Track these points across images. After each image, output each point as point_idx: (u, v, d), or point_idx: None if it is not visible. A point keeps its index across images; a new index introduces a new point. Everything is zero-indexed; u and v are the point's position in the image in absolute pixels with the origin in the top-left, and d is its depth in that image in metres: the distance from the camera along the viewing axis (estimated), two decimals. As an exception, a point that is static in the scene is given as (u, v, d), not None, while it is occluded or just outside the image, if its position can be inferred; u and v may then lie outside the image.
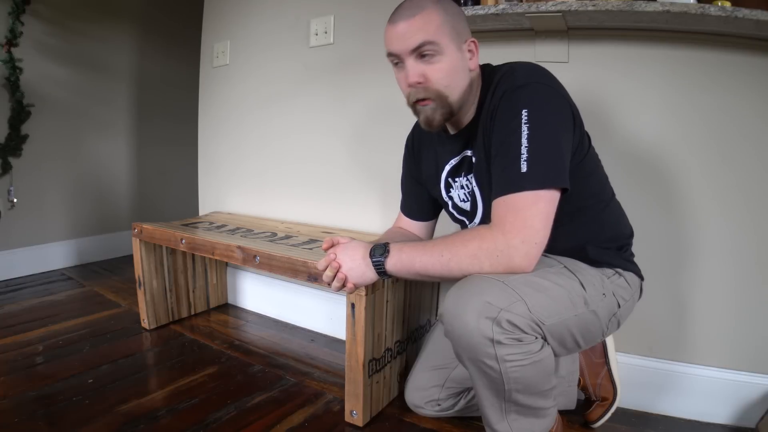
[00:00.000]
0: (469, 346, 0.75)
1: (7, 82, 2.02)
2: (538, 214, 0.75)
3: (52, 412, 1.08)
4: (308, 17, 1.63)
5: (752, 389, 1.08)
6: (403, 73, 0.86)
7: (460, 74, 0.85)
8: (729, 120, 1.07)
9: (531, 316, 0.74)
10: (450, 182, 0.99)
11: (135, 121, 2.67)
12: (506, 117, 0.79)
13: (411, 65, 0.84)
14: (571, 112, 0.82)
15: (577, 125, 0.84)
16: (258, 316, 1.79)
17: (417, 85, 0.84)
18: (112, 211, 2.58)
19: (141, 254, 1.54)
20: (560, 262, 0.87)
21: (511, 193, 0.76)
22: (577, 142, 0.84)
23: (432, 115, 0.86)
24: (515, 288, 0.74)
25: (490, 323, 0.72)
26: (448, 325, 0.77)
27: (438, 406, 1.08)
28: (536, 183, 0.75)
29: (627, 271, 0.92)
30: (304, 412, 1.14)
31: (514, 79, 0.81)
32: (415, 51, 0.82)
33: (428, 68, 0.83)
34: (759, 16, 0.90)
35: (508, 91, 0.80)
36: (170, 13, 2.77)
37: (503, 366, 0.74)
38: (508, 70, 0.84)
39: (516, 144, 0.76)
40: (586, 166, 0.88)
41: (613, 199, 0.97)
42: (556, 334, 0.78)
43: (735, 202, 1.08)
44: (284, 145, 1.75)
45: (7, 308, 1.75)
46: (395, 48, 0.84)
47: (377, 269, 0.86)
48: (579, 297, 0.81)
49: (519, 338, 0.73)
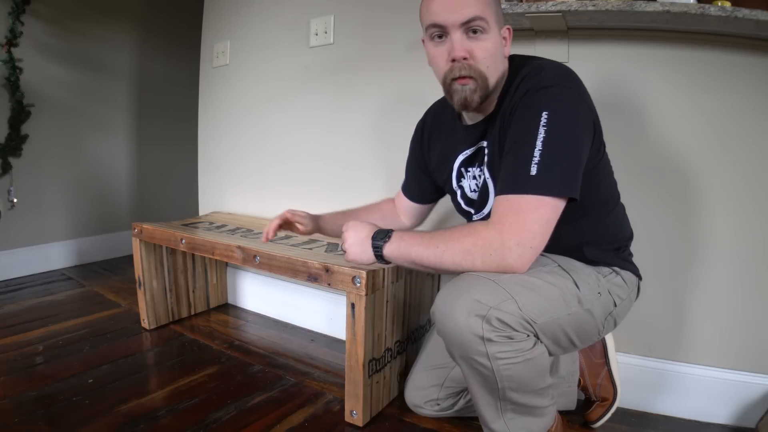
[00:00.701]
0: (460, 344, 0.75)
1: (7, 82, 2.02)
2: (538, 219, 0.74)
3: (52, 412, 1.08)
4: (308, 17, 1.63)
5: (752, 389, 1.08)
6: (445, 47, 0.82)
7: (500, 58, 0.84)
8: (730, 120, 1.07)
9: (521, 314, 0.74)
10: (462, 172, 0.98)
11: (135, 121, 2.67)
12: (526, 116, 0.77)
13: (458, 39, 0.80)
14: (593, 119, 0.81)
15: (597, 133, 0.83)
16: (258, 316, 1.79)
17: (462, 60, 0.81)
18: (112, 211, 2.58)
19: (141, 254, 1.54)
20: (554, 260, 0.87)
21: (516, 194, 0.75)
22: (594, 149, 0.83)
23: (471, 95, 0.82)
24: (505, 286, 0.74)
25: (479, 321, 0.72)
26: (439, 323, 0.77)
27: (437, 405, 1.08)
28: (543, 188, 0.74)
29: (624, 270, 0.92)
30: (304, 412, 1.14)
31: (540, 79, 0.78)
32: (465, 24, 0.79)
33: (475, 45, 0.80)
34: (759, 16, 0.90)
35: (531, 89, 0.78)
36: (170, 13, 2.77)
37: (495, 363, 0.74)
38: (536, 68, 0.81)
39: (530, 145, 0.75)
40: (598, 172, 0.87)
41: (619, 203, 0.97)
42: (549, 333, 0.78)
43: (736, 202, 1.08)
44: (284, 144, 1.75)
45: (7, 308, 1.75)
46: (443, 18, 0.80)
47: (375, 252, 0.86)
48: (572, 296, 0.81)
49: (510, 336, 0.73)
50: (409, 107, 1.29)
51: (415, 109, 1.14)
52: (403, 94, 1.42)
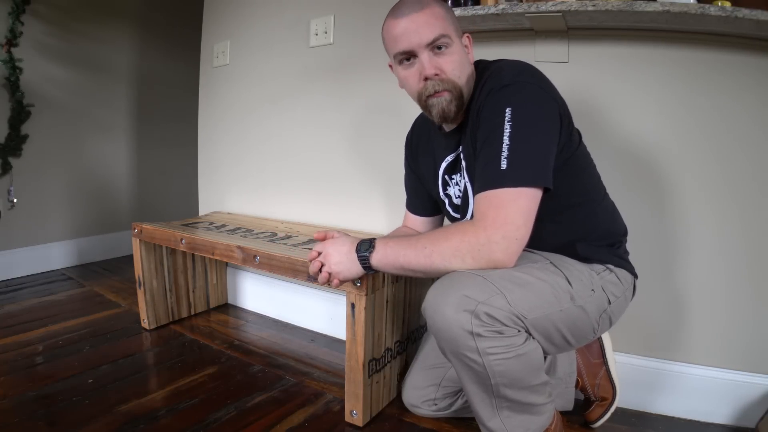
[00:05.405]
0: (451, 339, 0.76)
1: (7, 82, 2.02)
2: (518, 211, 0.76)
3: (52, 412, 1.08)
4: (308, 17, 1.63)
5: (752, 389, 1.08)
6: (415, 69, 0.86)
7: (466, 66, 0.87)
8: (728, 120, 1.07)
9: (511, 309, 0.74)
10: (447, 180, 1.00)
11: (135, 121, 2.67)
12: (490, 115, 0.80)
13: (426, 58, 0.84)
14: (558, 109, 0.83)
15: (565, 123, 0.85)
16: (258, 316, 1.79)
17: (434, 77, 0.84)
18: (112, 211, 2.58)
19: (141, 254, 1.54)
20: (545, 257, 0.87)
21: (492, 189, 0.77)
22: (565, 139, 0.85)
23: (448, 106, 0.86)
24: (494, 282, 0.75)
25: (468, 316, 0.73)
26: (429, 318, 0.78)
27: (434, 405, 1.08)
28: (516, 180, 0.76)
29: (618, 268, 0.92)
30: (304, 412, 1.14)
31: (500, 78, 0.82)
32: (431, 44, 0.83)
33: (442, 60, 0.84)
34: (759, 16, 0.90)
35: (494, 89, 0.81)
36: (170, 14, 2.77)
37: (486, 359, 0.74)
38: (496, 69, 0.85)
39: (498, 141, 0.77)
40: (576, 163, 0.89)
41: (606, 198, 0.97)
42: (541, 329, 0.78)
43: (736, 202, 1.08)
44: (284, 144, 1.75)
45: (7, 308, 1.75)
46: (408, 44, 0.84)
47: (362, 264, 0.88)
48: (564, 292, 0.81)
49: (499, 331, 0.74)
50: (409, 107, 1.28)
51: (415, 109, 1.14)
52: (403, 94, 1.41)
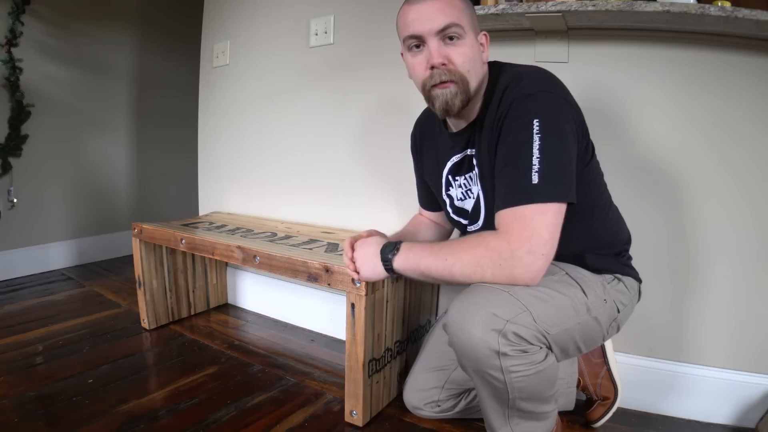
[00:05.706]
0: (475, 359, 0.74)
1: (7, 82, 2.02)
2: (546, 226, 0.73)
3: (52, 412, 1.08)
4: (308, 17, 1.63)
5: (752, 389, 1.08)
6: (423, 56, 0.83)
7: (478, 63, 0.85)
8: (730, 120, 1.07)
9: (536, 326, 0.74)
10: (450, 180, 0.99)
11: (135, 120, 2.67)
12: (517, 126, 0.77)
13: (435, 46, 0.81)
14: (579, 120, 0.82)
15: (583, 134, 0.84)
16: (258, 316, 1.79)
17: (441, 66, 0.81)
18: (112, 211, 2.58)
19: (141, 254, 1.54)
20: (562, 268, 0.87)
21: (521, 205, 0.74)
22: (582, 151, 0.84)
23: (452, 99, 0.82)
24: (520, 298, 0.74)
25: (496, 335, 0.71)
26: (454, 336, 0.76)
27: (438, 407, 1.08)
28: (547, 195, 0.73)
29: (625, 276, 0.92)
30: (304, 412, 1.14)
31: (523, 87, 0.79)
32: (441, 32, 0.80)
33: (452, 51, 0.81)
34: (759, 16, 0.90)
35: (517, 98, 0.78)
36: (170, 14, 2.77)
37: (508, 377, 0.74)
38: (517, 76, 0.82)
39: (528, 154, 0.75)
40: (587, 174, 0.87)
41: (611, 206, 0.97)
42: (560, 343, 0.78)
43: (736, 203, 1.08)
44: (284, 144, 1.75)
45: (7, 308, 1.75)
46: (418, 29, 0.81)
47: (385, 266, 0.87)
48: (581, 304, 0.81)
49: (525, 349, 0.73)
50: (410, 107, 1.29)
51: (415, 109, 1.14)
52: (403, 94, 1.42)
